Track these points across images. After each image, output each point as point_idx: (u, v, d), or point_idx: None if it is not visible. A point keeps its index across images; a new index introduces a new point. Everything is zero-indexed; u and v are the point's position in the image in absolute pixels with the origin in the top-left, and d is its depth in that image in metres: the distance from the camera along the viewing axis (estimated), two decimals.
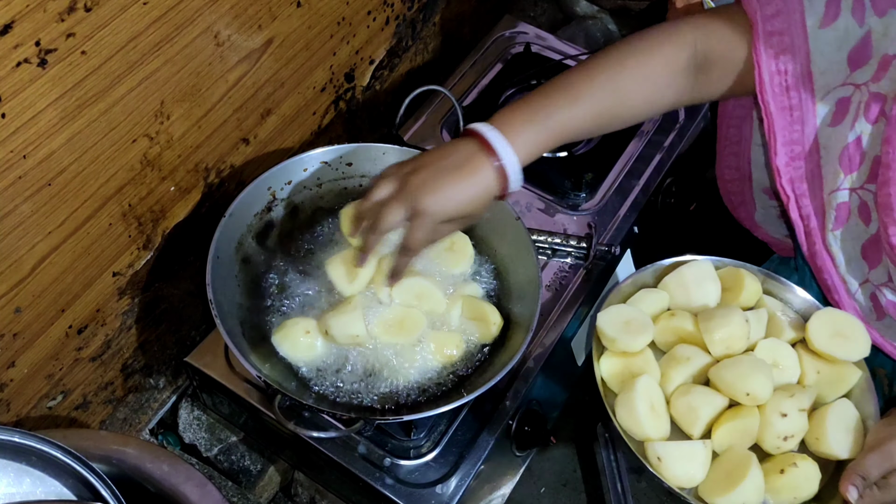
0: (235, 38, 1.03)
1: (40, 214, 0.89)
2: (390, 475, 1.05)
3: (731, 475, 0.89)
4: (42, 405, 1.05)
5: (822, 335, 0.97)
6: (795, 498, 0.90)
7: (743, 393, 0.92)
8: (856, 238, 0.96)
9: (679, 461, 0.90)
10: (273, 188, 1.12)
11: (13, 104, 0.79)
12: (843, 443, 0.91)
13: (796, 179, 0.97)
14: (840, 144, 0.93)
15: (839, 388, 0.96)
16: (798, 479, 0.90)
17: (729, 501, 0.88)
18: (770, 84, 0.92)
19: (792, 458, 0.91)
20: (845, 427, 0.92)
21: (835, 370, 0.97)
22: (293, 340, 1.03)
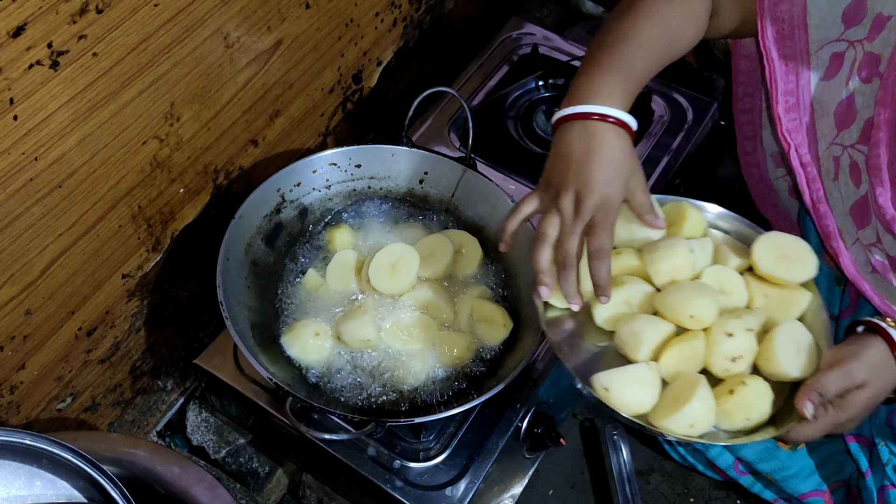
0: (245, 39, 1.03)
1: (51, 216, 0.89)
2: (400, 477, 1.04)
3: (680, 397, 0.86)
4: (52, 407, 1.05)
5: (768, 258, 0.95)
6: (748, 419, 0.87)
7: (686, 315, 0.90)
8: (846, 197, 0.97)
9: (626, 387, 0.87)
10: (282, 190, 1.12)
11: (25, 106, 0.79)
12: (794, 361, 0.89)
13: (793, 130, 0.98)
14: (835, 100, 0.95)
15: (789, 311, 0.95)
16: (748, 398, 0.87)
17: (677, 423, 0.85)
18: (770, 30, 0.94)
19: (740, 378, 0.88)
20: (795, 346, 0.90)
21: (783, 294, 0.95)
22: (303, 342, 1.03)
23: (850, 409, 0.86)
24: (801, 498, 1.11)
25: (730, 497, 1.38)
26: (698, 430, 0.86)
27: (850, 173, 0.95)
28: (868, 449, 1.04)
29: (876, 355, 0.86)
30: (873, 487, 1.02)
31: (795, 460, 1.10)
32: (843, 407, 0.86)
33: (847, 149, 0.95)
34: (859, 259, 0.99)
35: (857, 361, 0.86)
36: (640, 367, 0.89)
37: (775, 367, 0.89)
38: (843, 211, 0.98)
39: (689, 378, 0.88)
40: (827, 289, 1.08)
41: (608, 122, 0.87)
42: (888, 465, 1.00)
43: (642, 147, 1.37)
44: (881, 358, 0.86)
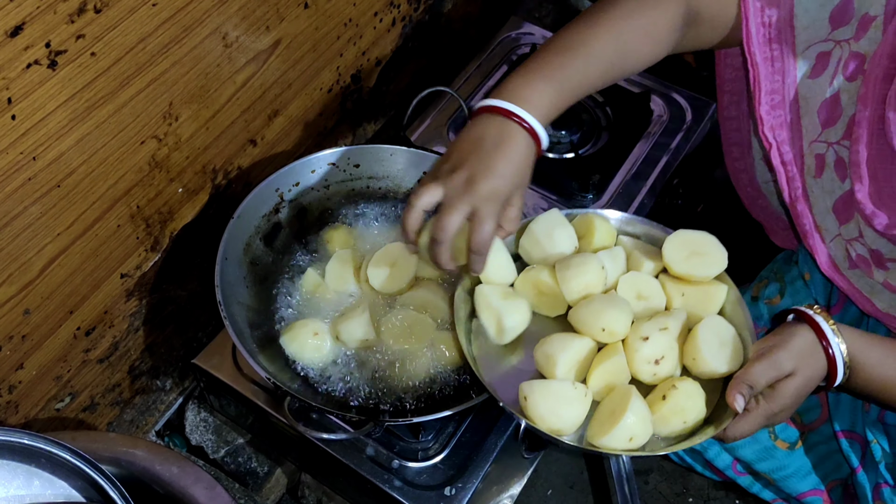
0: (243, 39, 1.03)
1: (49, 216, 0.89)
2: (398, 477, 1.04)
3: (615, 412, 0.85)
4: (50, 407, 1.05)
5: (678, 257, 0.96)
6: (685, 422, 0.87)
7: (598, 329, 0.90)
8: (829, 193, 0.97)
9: (544, 399, 0.86)
10: (281, 190, 1.12)
11: (23, 106, 0.79)
12: (720, 356, 0.89)
13: (776, 127, 0.98)
14: (819, 97, 0.95)
15: (709, 307, 0.95)
16: (681, 401, 0.86)
17: (615, 439, 0.84)
18: (756, 35, 0.94)
19: (671, 382, 0.88)
20: (719, 341, 0.90)
21: (700, 290, 0.95)
22: (301, 342, 1.03)
23: (781, 399, 0.85)
24: (800, 497, 1.11)
25: (728, 497, 1.38)
26: (638, 442, 0.85)
27: (835, 169, 0.96)
28: (860, 446, 1.04)
29: (802, 343, 0.86)
30: (866, 483, 1.02)
31: (793, 460, 1.10)
32: (773, 398, 0.85)
33: (832, 145, 0.95)
34: (838, 255, 1.00)
35: (784, 350, 0.85)
36: (565, 384, 0.88)
37: (702, 365, 0.90)
38: (826, 207, 0.98)
39: (620, 391, 0.88)
40: (822, 284, 1.09)
41: (524, 128, 0.88)
42: (881, 462, 1.00)
43: (641, 147, 1.37)
44: (808, 345, 0.86)
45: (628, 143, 1.37)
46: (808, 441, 1.10)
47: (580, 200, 1.30)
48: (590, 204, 1.30)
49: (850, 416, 1.05)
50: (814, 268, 1.09)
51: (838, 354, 0.86)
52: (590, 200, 1.30)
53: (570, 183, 1.31)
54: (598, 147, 1.37)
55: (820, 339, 0.86)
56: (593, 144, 1.37)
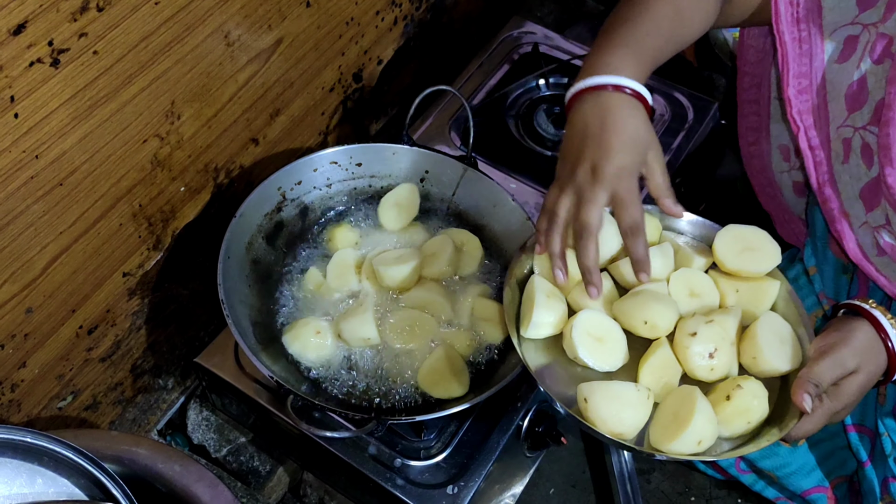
0: (245, 38, 1.03)
1: (52, 214, 0.89)
2: (401, 476, 1.04)
3: (679, 415, 0.83)
4: (52, 406, 1.05)
5: (730, 253, 0.94)
6: (749, 422, 0.85)
7: (641, 321, 0.89)
8: (856, 179, 0.96)
9: (607, 401, 0.83)
10: (283, 188, 1.12)
11: (26, 104, 0.79)
12: (781, 354, 0.87)
13: (804, 112, 0.97)
14: (846, 81, 0.94)
15: (762, 302, 0.93)
16: (746, 401, 0.84)
17: (685, 443, 0.81)
18: (784, 13, 0.93)
19: (735, 381, 0.86)
20: (779, 339, 0.88)
21: (752, 286, 0.93)
22: (304, 340, 1.03)
23: (844, 397, 0.85)
24: (804, 495, 1.11)
25: (731, 496, 1.37)
26: (706, 445, 0.83)
27: (861, 155, 0.95)
28: (870, 439, 1.04)
29: (864, 339, 0.86)
30: (874, 477, 1.01)
31: (797, 457, 1.10)
32: (837, 396, 0.85)
33: (858, 130, 0.94)
34: (865, 242, 0.99)
35: (847, 347, 0.85)
36: (627, 386, 0.85)
37: (763, 364, 0.88)
38: (853, 193, 0.97)
39: (682, 392, 0.85)
40: (833, 278, 1.08)
41: (624, 92, 0.85)
42: (891, 456, 1.00)
43: None
44: (869, 341, 0.86)
45: None
46: (811, 438, 1.10)
47: None
48: None
49: (860, 409, 1.04)
50: (824, 260, 1.08)
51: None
52: None
53: None
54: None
55: (879, 333, 0.86)
56: None
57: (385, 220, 1.14)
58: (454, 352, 1.03)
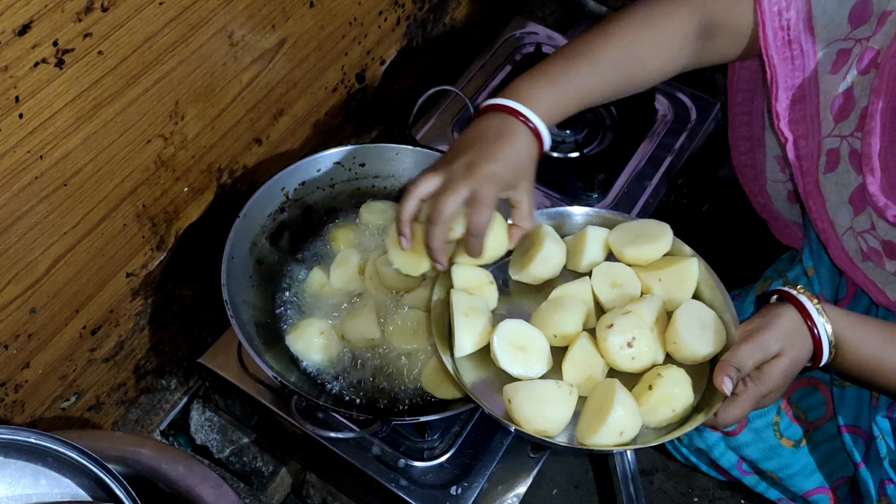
0: (249, 38, 1.03)
1: (56, 215, 0.89)
2: (404, 476, 1.04)
3: (601, 409, 0.84)
4: (56, 406, 1.05)
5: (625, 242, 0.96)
6: (673, 410, 0.86)
7: (551, 335, 0.91)
8: (844, 185, 0.97)
9: (529, 401, 0.85)
10: (286, 189, 1.12)
11: (31, 104, 0.79)
12: (702, 339, 0.88)
13: (794, 121, 0.98)
14: (834, 92, 0.95)
15: (685, 286, 0.94)
16: (668, 389, 0.85)
17: (607, 435, 0.82)
18: (773, 39, 0.94)
19: (656, 371, 0.87)
20: (700, 324, 0.89)
21: (674, 271, 0.94)
22: (307, 341, 1.03)
23: (769, 381, 0.85)
24: (806, 496, 1.11)
25: (734, 497, 1.37)
26: (629, 435, 0.84)
27: (850, 161, 0.95)
28: (864, 441, 1.04)
29: (788, 324, 0.86)
30: (869, 479, 1.02)
31: (799, 458, 1.10)
32: (762, 379, 0.85)
33: (846, 138, 0.95)
34: (850, 247, 1.00)
35: (770, 331, 0.85)
36: (549, 384, 0.86)
37: (684, 349, 0.89)
38: (842, 199, 0.98)
39: (603, 386, 0.87)
40: (829, 279, 1.08)
41: (528, 126, 0.89)
42: (885, 459, 1.00)
43: (645, 147, 1.37)
44: (793, 326, 0.86)
45: (633, 142, 1.37)
46: (813, 439, 1.10)
47: (585, 200, 1.30)
48: (594, 203, 1.30)
49: (854, 411, 1.04)
50: (820, 262, 1.09)
51: (823, 334, 0.86)
52: (595, 200, 1.30)
53: (574, 182, 1.31)
54: (602, 146, 1.36)
55: (805, 319, 0.86)
56: (598, 144, 1.37)
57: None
58: None
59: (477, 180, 0.86)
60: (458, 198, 0.86)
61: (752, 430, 1.12)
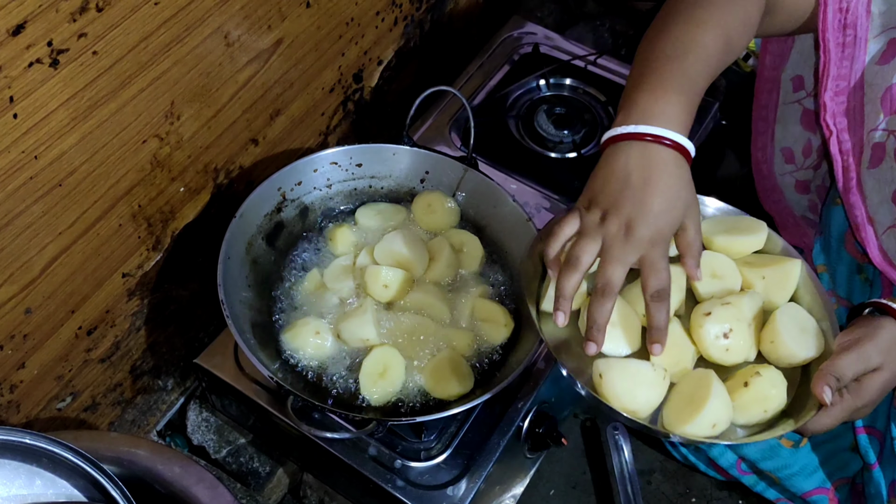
0: (245, 38, 1.02)
1: (51, 215, 0.88)
2: (401, 477, 1.04)
3: (694, 398, 0.82)
4: (52, 407, 1.04)
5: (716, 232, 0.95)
6: (765, 411, 0.84)
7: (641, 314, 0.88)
8: (888, 182, 0.95)
9: (622, 379, 0.83)
10: (283, 189, 1.11)
11: (25, 104, 0.79)
12: (800, 342, 0.87)
13: (838, 114, 0.96)
14: (884, 84, 0.93)
15: (786, 286, 0.92)
16: (764, 388, 0.84)
17: (699, 426, 0.81)
18: (832, 21, 0.92)
19: (754, 369, 0.86)
20: (799, 328, 0.88)
21: (776, 270, 0.92)
22: (303, 341, 1.03)
23: (866, 394, 0.83)
24: (805, 496, 1.11)
25: (732, 497, 1.37)
26: (720, 429, 0.83)
27: (895, 157, 0.94)
28: (879, 441, 1.03)
29: (889, 337, 0.84)
30: (881, 480, 1.01)
31: (798, 458, 1.10)
32: (859, 392, 0.83)
33: (893, 133, 0.93)
34: (889, 248, 0.98)
35: (872, 343, 0.83)
36: (643, 364, 0.85)
37: (781, 349, 0.87)
38: (884, 197, 0.96)
39: (698, 376, 0.85)
40: (847, 277, 1.07)
41: (667, 146, 0.82)
42: None
43: None
44: (895, 339, 0.84)
45: None
46: (813, 439, 1.10)
47: None
48: None
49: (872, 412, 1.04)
50: (838, 259, 1.07)
51: None
52: None
53: (572, 182, 1.31)
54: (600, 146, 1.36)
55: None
56: (595, 144, 1.36)
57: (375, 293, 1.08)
58: (456, 353, 1.03)
59: (643, 244, 0.80)
60: (627, 267, 0.81)
61: None
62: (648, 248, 0.81)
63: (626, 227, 0.81)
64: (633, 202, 0.80)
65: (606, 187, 0.83)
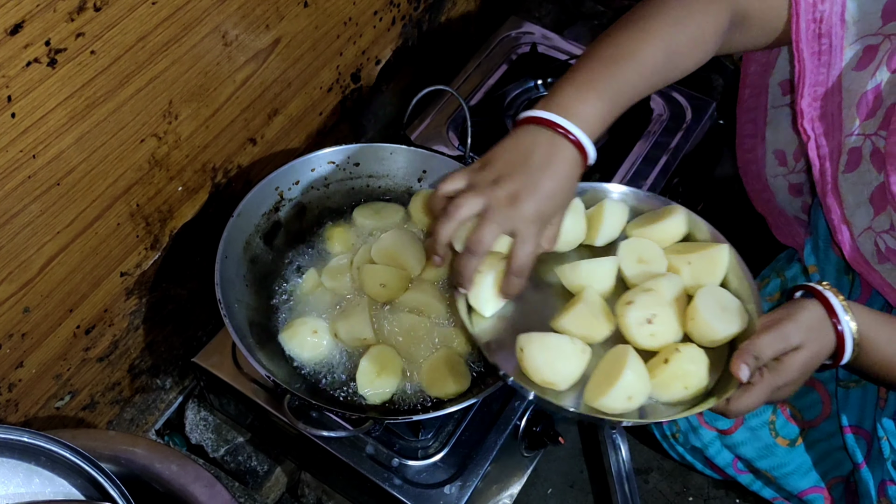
0: (243, 38, 1.03)
1: (49, 214, 0.89)
2: (398, 475, 1.04)
3: (611, 373, 0.84)
4: (50, 405, 1.05)
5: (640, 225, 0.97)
6: (686, 388, 0.85)
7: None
8: (866, 184, 0.96)
9: (542, 351, 0.85)
10: (281, 188, 1.12)
11: (23, 104, 0.79)
12: (721, 319, 0.88)
13: (816, 119, 0.97)
14: (861, 90, 0.94)
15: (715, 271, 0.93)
16: (683, 365, 0.85)
17: (614, 398, 0.83)
18: (805, 31, 0.92)
19: (674, 346, 0.87)
20: (720, 306, 0.89)
21: (703, 255, 0.93)
22: (301, 339, 1.03)
23: (787, 373, 0.84)
24: (801, 495, 1.11)
25: (728, 496, 1.38)
26: (637, 401, 0.84)
27: (871, 160, 0.95)
28: (867, 442, 1.04)
29: (812, 317, 0.85)
30: (869, 479, 1.02)
31: (794, 457, 1.10)
32: (779, 371, 0.84)
33: (870, 137, 0.94)
34: (866, 249, 0.99)
35: (793, 323, 0.85)
36: (563, 339, 0.87)
37: (703, 327, 0.88)
38: (862, 198, 0.97)
39: (616, 352, 0.87)
40: (835, 277, 1.08)
41: (572, 142, 0.85)
42: (889, 460, 1.00)
43: (641, 146, 1.37)
44: (817, 320, 0.85)
45: (628, 142, 1.37)
46: (808, 438, 1.10)
47: None
48: None
49: (858, 411, 1.04)
50: (826, 260, 1.08)
51: (847, 331, 0.85)
52: None
53: None
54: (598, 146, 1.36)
55: (830, 316, 0.86)
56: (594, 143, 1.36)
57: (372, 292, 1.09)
58: (453, 352, 1.03)
59: (521, 219, 0.83)
60: (499, 231, 0.83)
61: (748, 429, 1.12)
62: (527, 222, 0.83)
63: (514, 197, 0.83)
64: (527, 178, 0.83)
65: (507, 157, 0.86)
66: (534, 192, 0.83)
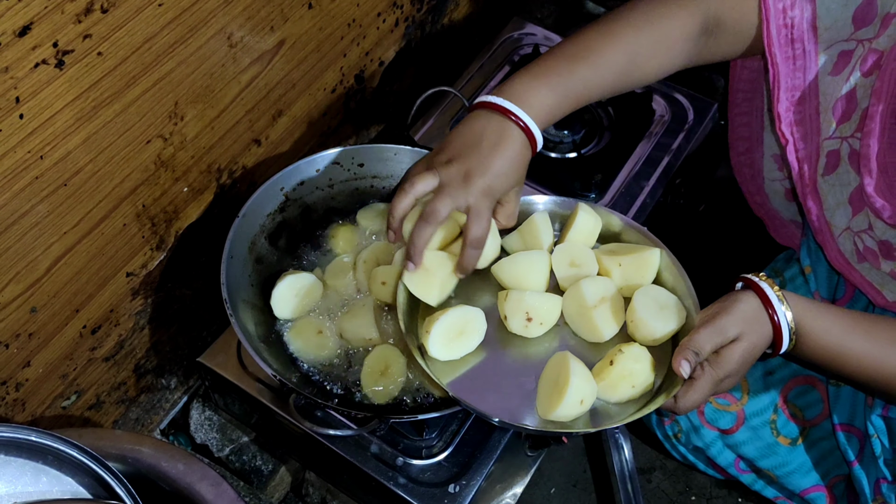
0: (248, 39, 1.03)
1: (56, 215, 0.89)
2: (403, 474, 1.05)
3: (558, 381, 0.86)
4: (56, 405, 1.05)
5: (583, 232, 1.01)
6: (633, 387, 0.88)
7: None
8: (844, 185, 0.98)
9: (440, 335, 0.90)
10: (285, 189, 1.12)
11: (31, 105, 0.79)
12: (659, 318, 0.91)
13: (794, 123, 0.99)
14: (836, 94, 0.95)
15: (646, 274, 0.96)
16: (628, 364, 0.88)
17: (569, 406, 0.85)
18: (777, 37, 0.94)
19: (618, 347, 0.90)
20: (658, 304, 0.92)
21: (635, 258, 0.96)
22: (306, 339, 1.03)
23: (726, 365, 0.86)
24: (802, 494, 1.12)
25: (731, 495, 1.38)
26: (588, 404, 0.87)
27: (849, 161, 0.96)
28: (858, 440, 1.04)
29: (747, 309, 0.87)
30: (863, 478, 1.02)
31: (795, 456, 1.11)
32: (719, 363, 0.86)
33: (847, 139, 0.95)
34: (846, 249, 1.00)
35: (729, 316, 0.86)
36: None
37: (642, 328, 0.91)
38: (840, 200, 0.99)
39: (557, 360, 0.89)
40: (826, 277, 1.09)
41: (522, 128, 0.90)
42: (880, 458, 1.00)
43: (643, 147, 1.37)
44: (752, 311, 0.87)
45: (630, 142, 1.38)
46: (809, 437, 1.11)
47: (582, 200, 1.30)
48: (591, 203, 1.30)
49: (849, 409, 1.05)
50: (818, 260, 1.09)
51: (783, 321, 0.86)
52: (592, 200, 1.31)
53: (572, 182, 1.31)
54: (600, 147, 1.37)
55: (765, 306, 0.87)
56: (595, 144, 1.37)
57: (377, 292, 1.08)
58: None
59: (474, 194, 0.88)
60: (453, 204, 0.88)
61: (749, 428, 1.13)
62: (479, 197, 0.88)
63: (466, 174, 0.88)
64: (479, 158, 0.89)
65: (461, 139, 0.91)
66: (485, 171, 0.88)
